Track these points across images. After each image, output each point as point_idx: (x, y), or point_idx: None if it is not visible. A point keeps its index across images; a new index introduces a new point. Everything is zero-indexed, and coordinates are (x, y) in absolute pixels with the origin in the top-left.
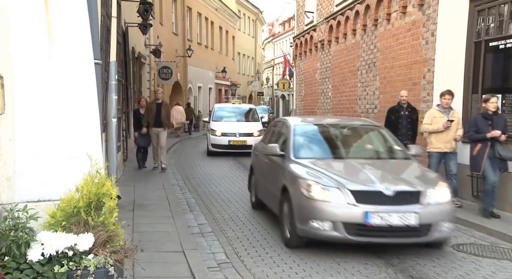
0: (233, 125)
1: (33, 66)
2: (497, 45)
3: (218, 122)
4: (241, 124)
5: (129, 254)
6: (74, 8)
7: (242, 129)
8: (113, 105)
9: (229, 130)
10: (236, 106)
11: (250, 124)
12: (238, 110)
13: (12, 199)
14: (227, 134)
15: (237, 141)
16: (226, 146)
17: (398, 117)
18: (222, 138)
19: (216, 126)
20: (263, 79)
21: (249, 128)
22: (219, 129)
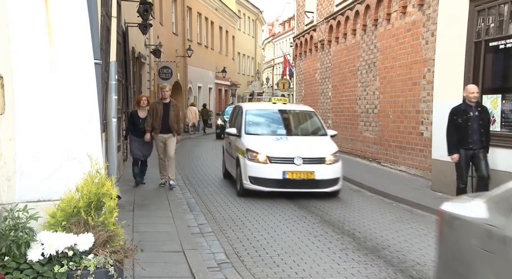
0: (286, 144)
1: (33, 66)
2: (497, 45)
3: (256, 138)
4: (299, 142)
5: (129, 254)
6: (74, 8)
7: (304, 151)
8: (113, 105)
9: (283, 153)
10: (280, 107)
11: (315, 141)
12: (285, 116)
13: (12, 199)
14: (279, 160)
15: (298, 172)
16: (279, 182)
17: (466, 120)
18: (269, 168)
19: (255, 145)
20: (263, 79)
21: (316, 148)
22: (264, 151)
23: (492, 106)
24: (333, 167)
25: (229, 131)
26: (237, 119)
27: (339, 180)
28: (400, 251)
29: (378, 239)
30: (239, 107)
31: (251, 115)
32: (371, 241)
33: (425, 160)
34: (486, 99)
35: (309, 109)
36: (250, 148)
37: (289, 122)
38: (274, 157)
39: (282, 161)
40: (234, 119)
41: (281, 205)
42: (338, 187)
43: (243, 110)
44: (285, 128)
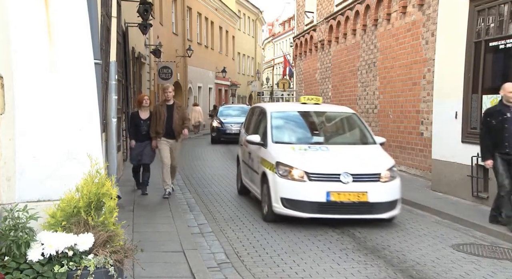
0: (327, 155)
1: (33, 66)
2: (497, 45)
3: (288, 148)
4: (344, 153)
5: (129, 254)
6: (74, 8)
7: (353, 165)
8: (113, 105)
9: (326, 168)
10: (313, 108)
11: (363, 151)
12: (321, 120)
13: (12, 199)
14: (321, 177)
15: (347, 193)
16: (323, 206)
17: (502, 122)
18: (309, 188)
19: (288, 157)
20: (263, 79)
21: (367, 162)
22: (301, 165)
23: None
24: (390, 185)
25: (251, 140)
26: (257, 123)
27: (397, 202)
28: (400, 251)
29: (378, 239)
30: (261, 109)
31: (278, 119)
32: (371, 241)
33: (425, 160)
34: (486, 99)
35: (349, 110)
36: (282, 161)
37: (326, 128)
38: (315, 173)
39: (325, 178)
40: (253, 123)
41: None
42: (397, 211)
43: (267, 112)
44: (322, 135)
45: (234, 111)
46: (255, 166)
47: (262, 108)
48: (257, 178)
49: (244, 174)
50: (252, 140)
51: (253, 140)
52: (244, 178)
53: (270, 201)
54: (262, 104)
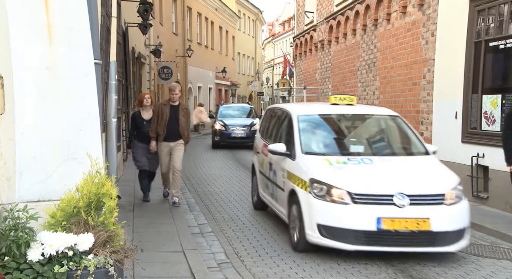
0: (374, 170)
1: (33, 66)
2: (497, 45)
3: (323, 161)
4: (393, 167)
5: (129, 254)
6: (74, 8)
7: (408, 184)
8: (113, 105)
9: (374, 187)
10: (347, 110)
11: (417, 164)
12: (359, 124)
13: (12, 199)
14: (369, 198)
15: (403, 219)
16: (372, 235)
17: None
18: (353, 213)
19: (325, 172)
20: (263, 79)
21: (425, 178)
22: (342, 183)
23: (492, 106)
24: (457, 209)
25: (274, 149)
26: (279, 128)
27: (466, 230)
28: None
29: None
30: (283, 111)
31: (307, 124)
32: None
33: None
34: (486, 99)
35: (391, 112)
36: (317, 178)
37: (366, 134)
38: (361, 194)
39: (373, 200)
40: (272, 128)
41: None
42: (466, 242)
43: (293, 116)
44: (362, 144)
45: (235, 111)
46: (279, 180)
47: (284, 110)
48: (283, 196)
49: (262, 187)
50: (276, 150)
51: (277, 149)
52: (262, 191)
53: (303, 227)
54: (283, 106)
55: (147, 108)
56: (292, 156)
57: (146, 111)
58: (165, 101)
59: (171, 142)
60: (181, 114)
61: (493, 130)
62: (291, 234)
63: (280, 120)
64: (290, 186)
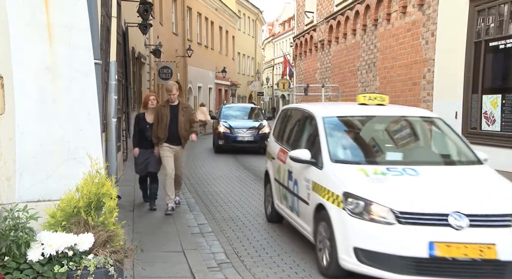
0: (420, 182)
1: (33, 66)
2: (497, 45)
3: (357, 171)
4: (443, 179)
5: (129, 254)
6: (74, 8)
7: (466, 200)
8: (113, 105)
9: (425, 204)
10: (380, 112)
11: (470, 176)
12: (396, 128)
13: (12, 199)
14: (418, 218)
15: (462, 244)
16: (422, 263)
17: None
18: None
19: (362, 185)
20: (263, 79)
21: (485, 194)
22: (384, 199)
23: (492, 106)
24: None
25: (296, 157)
26: (299, 132)
27: None
28: None
29: None
30: (303, 112)
31: (335, 128)
32: None
33: None
34: (486, 99)
35: (431, 114)
36: (353, 192)
37: (404, 139)
38: (408, 213)
39: (424, 220)
40: (290, 131)
41: None
42: None
43: (317, 118)
44: (401, 151)
45: (239, 112)
46: (302, 192)
47: (305, 111)
48: (307, 210)
49: (278, 197)
50: (299, 157)
51: (300, 156)
52: (279, 202)
53: (335, 249)
54: (304, 106)
55: (152, 111)
56: (319, 164)
57: (150, 114)
58: (164, 102)
59: (173, 145)
60: (180, 114)
61: (493, 131)
62: (319, 256)
63: (300, 122)
64: (317, 199)
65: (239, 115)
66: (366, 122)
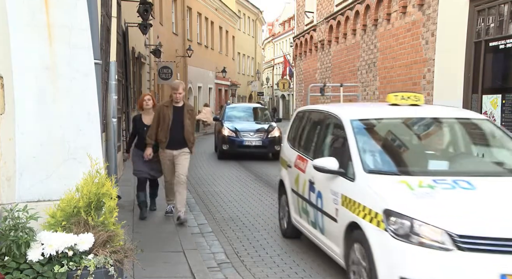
0: (480, 198)
1: (33, 66)
2: (497, 45)
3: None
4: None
5: (129, 254)
6: (74, 8)
7: None
8: (113, 105)
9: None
10: (417, 113)
11: None
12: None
13: (12, 199)
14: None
15: None
16: None
17: None
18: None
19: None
20: (263, 79)
21: None
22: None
23: (492, 106)
24: None
25: (322, 166)
26: (322, 137)
27: None
28: None
29: None
30: (326, 114)
31: (366, 132)
32: None
33: None
34: (486, 99)
35: (477, 116)
36: (396, 209)
37: (447, 145)
38: (470, 236)
39: (491, 246)
40: (310, 136)
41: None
42: None
43: (344, 121)
44: (447, 159)
45: (244, 113)
46: (328, 206)
47: (328, 113)
48: (335, 229)
49: (296, 210)
50: (325, 166)
51: (326, 166)
52: (297, 216)
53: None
54: (325, 107)
55: (148, 111)
56: (349, 175)
57: (147, 115)
58: (167, 102)
59: (174, 149)
60: (186, 117)
61: None
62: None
63: (322, 126)
64: (349, 216)
65: (245, 117)
66: (402, 126)
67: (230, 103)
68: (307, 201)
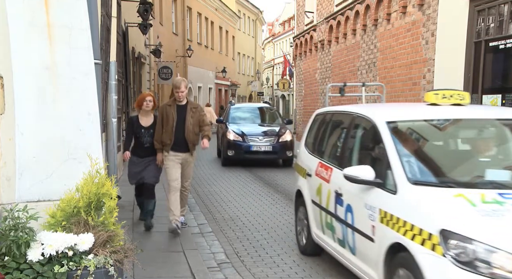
0: None
1: (33, 66)
2: (497, 45)
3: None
4: None
5: (129, 254)
6: (74, 8)
7: None
8: (113, 105)
9: None
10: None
11: None
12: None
13: (12, 199)
14: None
15: None
16: None
17: None
18: None
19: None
20: (263, 79)
21: None
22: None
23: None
24: None
25: (354, 175)
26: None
27: None
28: None
29: None
30: (356, 116)
31: (407, 136)
32: None
33: None
34: (486, 99)
35: None
36: (456, 230)
37: (504, 151)
38: None
39: None
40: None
41: (281, 205)
42: None
43: (378, 123)
44: (507, 167)
45: (249, 114)
46: (362, 222)
47: (358, 114)
48: (372, 250)
49: (318, 225)
50: (359, 176)
51: (359, 175)
52: (319, 232)
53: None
54: (352, 108)
55: (147, 113)
56: (389, 186)
57: (145, 116)
58: (170, 102)
59: (180, 152)
60: (189, 115)
61: None
62: None
63: (349, 129)
64: (392, 236)
65: (251, 118)
66: (448, 129)
67: (234, 103)
68: (332, 215)
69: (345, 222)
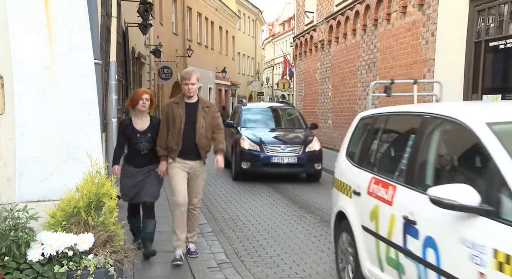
0: None
1: (33, 66)
2: (497, 45)
3: None
4: None
5: (129, 254)
6: (74, 8)
7: None
8: (113, 105)
9: None
10: None
11: None
12: None
13: (12, 199)
14: None
15: None
16: None
17: None
18: None
19: None
20: (263, 79)
21: None
22: None
23: None
24: None
25: (446, 198)
26: (427, 155)
27: None
28: None
29: None
30: (439, 120)
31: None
32: None
33: None
34: (486, 99)
35: None
36: None
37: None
38: None
39: None
40: (389, 151)
41: (281, 205)
42: None
43: (476, 126)
44: None
45: (264, 116)
46: (457, 266)
47: (435, 115)
48: None
49: (374, 259)
50: (457, 201)
51: (457, 199)
52: (374, 269)
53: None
54: (424, 108)
55: (143, 114)
56: (506, 216)
57: (139, 118)
58: (178, 98)
59: (189, 159)
60: (200, 116)
61: None
62: None
63: (419, 135)
64: None
65: (267, 122)
66: None
67: (246, 103)
68: (399, 248)
69: (423, 261)
